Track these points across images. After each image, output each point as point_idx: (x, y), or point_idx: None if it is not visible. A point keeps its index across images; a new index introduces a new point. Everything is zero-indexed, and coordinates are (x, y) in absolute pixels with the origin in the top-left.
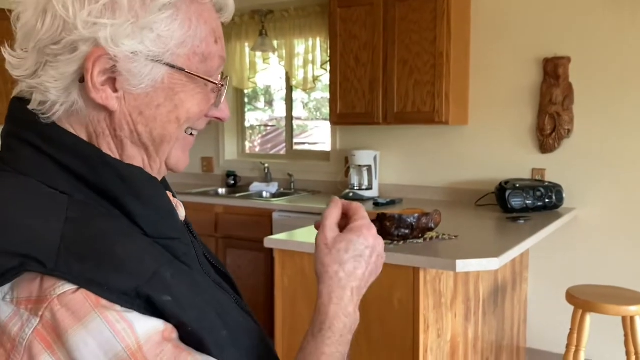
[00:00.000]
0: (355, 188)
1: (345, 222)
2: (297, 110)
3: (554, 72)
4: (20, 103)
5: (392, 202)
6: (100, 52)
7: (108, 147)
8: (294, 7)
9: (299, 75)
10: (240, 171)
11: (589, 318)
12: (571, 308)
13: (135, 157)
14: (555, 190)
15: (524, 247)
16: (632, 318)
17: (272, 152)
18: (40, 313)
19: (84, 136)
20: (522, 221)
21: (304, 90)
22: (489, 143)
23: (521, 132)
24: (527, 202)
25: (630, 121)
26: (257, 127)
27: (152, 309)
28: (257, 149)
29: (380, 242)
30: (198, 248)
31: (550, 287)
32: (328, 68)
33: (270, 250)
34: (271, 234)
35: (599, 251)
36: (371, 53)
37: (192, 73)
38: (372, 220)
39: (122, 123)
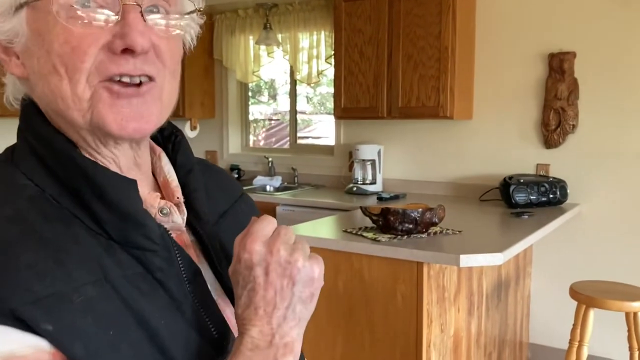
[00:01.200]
0: (359, 182)
1: None
2: (301, 104)
3: (559, 67)
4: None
5: (395, 197)
6: None
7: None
8: (299, 1)
9: (303, 70)
10: (243, 165)
11: (592, 313)
12: (574, 303)
13: (65, 129)
14: (559, 186)
15: (527, 242)
16: (635, 314)
17: (276, 145)
18: None
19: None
20: (526, 216)
21: (308, 84)
22: (493, 138)
23: (526, 127)
24: (532, 197)
25: (635, 116)
26: (261, 121)
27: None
28: (262, 143)
29: (274, 249)
30: (189, 266)
31: (554, 282)
32: (332, 62)
33: None
34: None
35: (602, 247)
36: (376, 47)
37: None
38: (376, 215)
39: (33, 89)
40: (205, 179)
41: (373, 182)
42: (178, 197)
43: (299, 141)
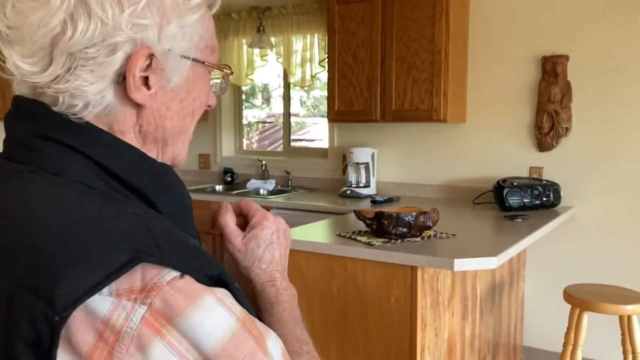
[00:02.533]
0: (353, 185)
1: (242, 219)
2: (295, 107)
3: (552, 70)
4: (41, 104)
5: (389, 200)
6: (144, 52)
7: (130, 143)
8: (292, 4)
9: (297, 74)
10: (237, 168)
11: (586, 317)
12: (568, 306)
13: (151, 151)
14: (552, 189)
15: (521, 245)
16: (629, 317)
17: (270, 148)
18: (149, 301)
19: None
20: (519, 220)
21: (302, 87)
22: (486, 141)
23: (519, 130)
24: (525, 200)
25: (629, 119)
26: (255, 124)
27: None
28: (255, 146)
29: (279, 221)
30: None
31: (548, 285)
32: (326, 65)
33: None
34: None
35: (596, 250)
36: (369, 50)
37: (210, 64)
38: (370, 219)
39: (150, 119)
40: None
41: (367, 185)
42: None
43: (293, 144)
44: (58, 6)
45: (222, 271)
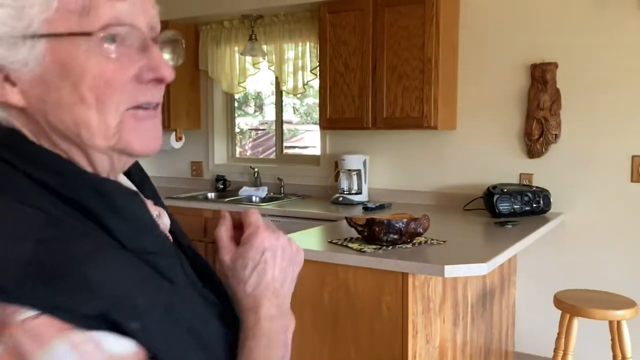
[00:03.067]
0: (345, 192)
1: (240, 232)
2: (288, 114)
3: (541, 77)
4: None
5: (381, 207)
6: None
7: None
8: (284, 12)
9: (289, 82)
10: (229, 175)
11: (576, 322)
12: (559, 312)
13: (72, 153)
14: (542, 195)
15: (512, 252)
16: (618, 322)
17: (262, 155)
18: (3, 340)
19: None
20: (510, 226)
21: (294, 95)
22: (477, 148)
23: (509, 137)
24: (515, 206)
25: (617, 126)
26: (248, 132)
27: (120, 335)
28: (248, 153)
29: (277, 236)
30: (183, 259)
31: (538, 291)
32: (318, 73)
33: None
34: None
35: (586, 255)
36: (360, 58)
37: (67, 33)
38: (362, 225)
39: (36, 117)
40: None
41: (359, 192)
42: (157, 201)
43: (286, 151)
44: None
45: (107, 310)
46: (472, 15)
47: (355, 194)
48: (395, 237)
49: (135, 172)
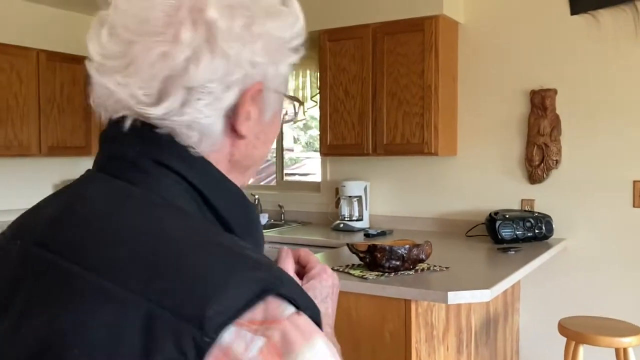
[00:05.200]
0: (346, 219)
1: (297, 268)
2: (288, 142)
3: (541, 103)
4: (162, 133)
5: (382, 233)
6: (258, 87)
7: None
8: None
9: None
10: None
11: (582, 350)
12: (564, 339)
13: (236, 178)
14: (544, 221)
15: (515, 278)
16: (625, 350)
17: (263, 182)
18: (268, 333)
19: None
20: (512, 252)
21: (294, 122)
22: (478, 174)
23: (510, 163)
24: (517, 232)
25: (618, 151)
26: None
27: None
28: (250, 181)
29: (335, 276)
30: None
31: (542, 318)
32: (318, 100)
33: None
34: None
35: (590, 281)
36: (360, 85)
37: (291, 97)
38: (363, 252)
39: (242, 148)
40: None
41: (360, 219)
42: None
43: (286, 178)
44: (188, 42)
45: (317, 313)
46: (471, 42)
47: (356, 220)
48: (398, 263)
49: None
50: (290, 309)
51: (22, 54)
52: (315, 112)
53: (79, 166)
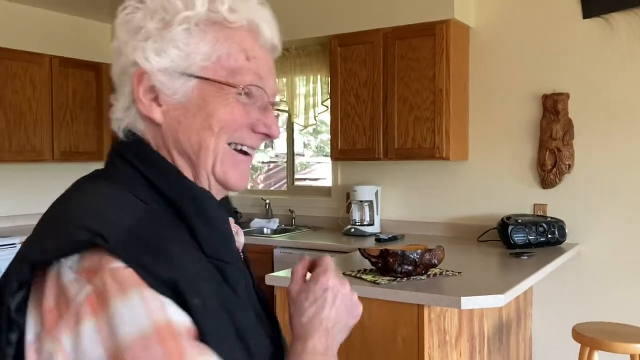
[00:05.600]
0: (357, 223)
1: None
2: (298, 146)
3: (553, 107)
4: (127, 131)
5: (394, 238)
6: (139, 71)
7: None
8: (295, 46)
9: (300, 115)
10: (241, 207)
11: (596, 356)
12: (578, 345)
13: (182, 167)
14: (557, 226)
15: (528, 283)
16: None
17: (274, 187)
18: (93, 280)
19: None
20: (525, 257)
21: (305, 127)
22: (490, 178)
23: (522, 168)
24: (530, 237)
25: (630, 155)
26: (260, 167)
27: (180, 308)
28: (260, 186)
29: (343, 283)
30: (249, 278)
31: (556, 324)
32: (329, 105)
33: (272, 288)
34: (272, 271)
35: (604, 287)
36: (371, 90)
37: (217, 80)
38: (375, 257)
39: (167, 133)
40: None
41: (371, 224)
42: (236, 220)
43: (297, 183)
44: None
45: (178, 280)
46: (482, 47)
47: (367, 225)
48: (410, 268)
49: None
50: (118, 263)
51: (35, 60)
52: (326, 117)
53: (91, 171)
